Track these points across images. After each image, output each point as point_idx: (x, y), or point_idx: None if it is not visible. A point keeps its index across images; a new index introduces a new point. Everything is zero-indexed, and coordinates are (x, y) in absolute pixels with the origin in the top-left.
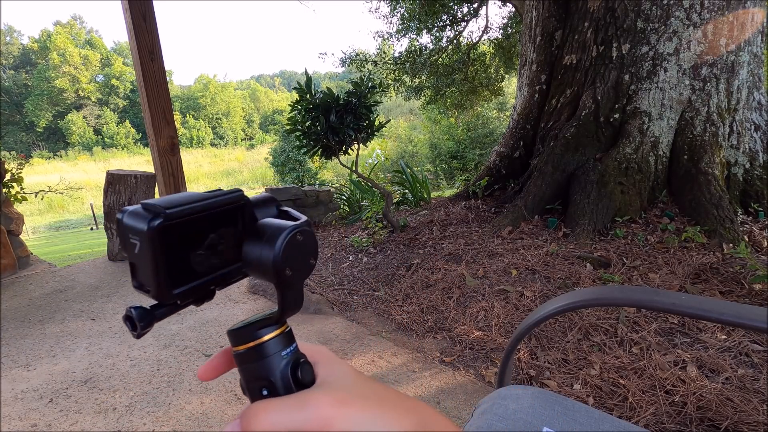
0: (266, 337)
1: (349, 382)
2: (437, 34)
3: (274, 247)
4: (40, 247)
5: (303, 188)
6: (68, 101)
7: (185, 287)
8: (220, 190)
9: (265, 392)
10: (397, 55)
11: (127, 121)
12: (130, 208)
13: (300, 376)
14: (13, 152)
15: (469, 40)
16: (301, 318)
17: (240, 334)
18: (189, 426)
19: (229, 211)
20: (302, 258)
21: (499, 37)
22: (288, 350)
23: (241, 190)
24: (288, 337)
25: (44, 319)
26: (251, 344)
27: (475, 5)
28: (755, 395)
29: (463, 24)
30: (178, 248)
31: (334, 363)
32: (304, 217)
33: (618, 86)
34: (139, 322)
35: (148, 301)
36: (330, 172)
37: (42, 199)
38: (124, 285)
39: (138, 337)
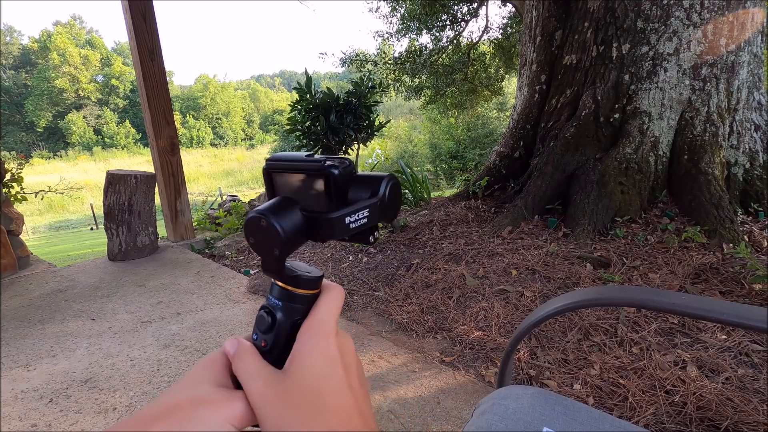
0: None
1: (295, 379)
2: (437, 34)
3: (379, 188)
4: (40, 247)
5: None
6: (68, 101)
7: None
8: (327, 157)
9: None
10: (397, 55)
11: (127, 121)
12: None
13: (257, 318)
14: (13, 152)
15: (469, 40)
16: None
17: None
18: None
19: (318, 173)
20: (264, 241)
21: (499, 37)
22: (269, 297)
23: (323, 161)
24: (273, 289)
25: (44, 319)
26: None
27: (475, 5)
28: (755, 395)
29: (463, 24)
30: (283, 185)
31: (307, 350)
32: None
33: (618, 86)
34: None
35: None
36: None
37: (42, 199)
38: (124, 285)
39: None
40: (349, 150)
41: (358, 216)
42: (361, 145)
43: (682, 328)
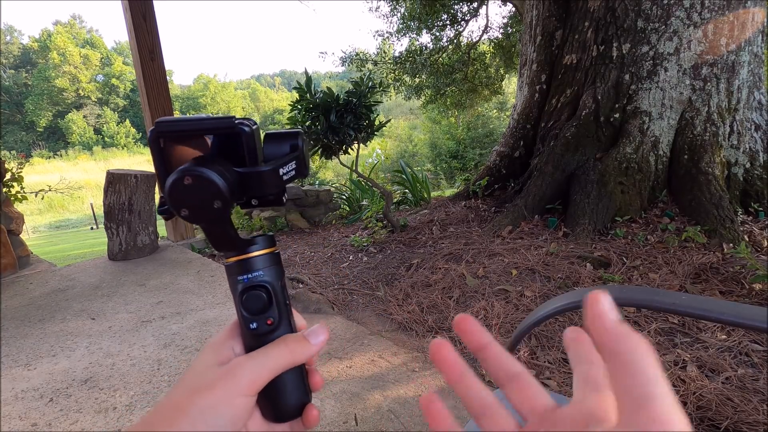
0: (229, 259)
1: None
2: (437, 34)
3: (297, 142)
4: (40, 246)
5: (303, 188)
6: (68, 101)
7: None
8: (233, 117)
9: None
10: (397, 54)
11: (127, 120)
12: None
13: (245, 303)
14: (14, 152)
15: (469, 39)
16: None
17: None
18: None
19: (224, 134)
20: (199, 200)
21: (499, 36)
22: (245, 277)
23: (233, 118)
24: (245, 265)
25: (44, 319)
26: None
27: (475, 5)
28: (755, 395)
29: (463, 23)
30: (179, 157)
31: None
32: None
33: (618, 86)
34: (159, 207)
35: None
36: (330, 172)
37: (42, 198)
38: (124, 284)
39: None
40: (350, 150)
41: (288, 168)
42: (361, 145)
43: (682, 328)
